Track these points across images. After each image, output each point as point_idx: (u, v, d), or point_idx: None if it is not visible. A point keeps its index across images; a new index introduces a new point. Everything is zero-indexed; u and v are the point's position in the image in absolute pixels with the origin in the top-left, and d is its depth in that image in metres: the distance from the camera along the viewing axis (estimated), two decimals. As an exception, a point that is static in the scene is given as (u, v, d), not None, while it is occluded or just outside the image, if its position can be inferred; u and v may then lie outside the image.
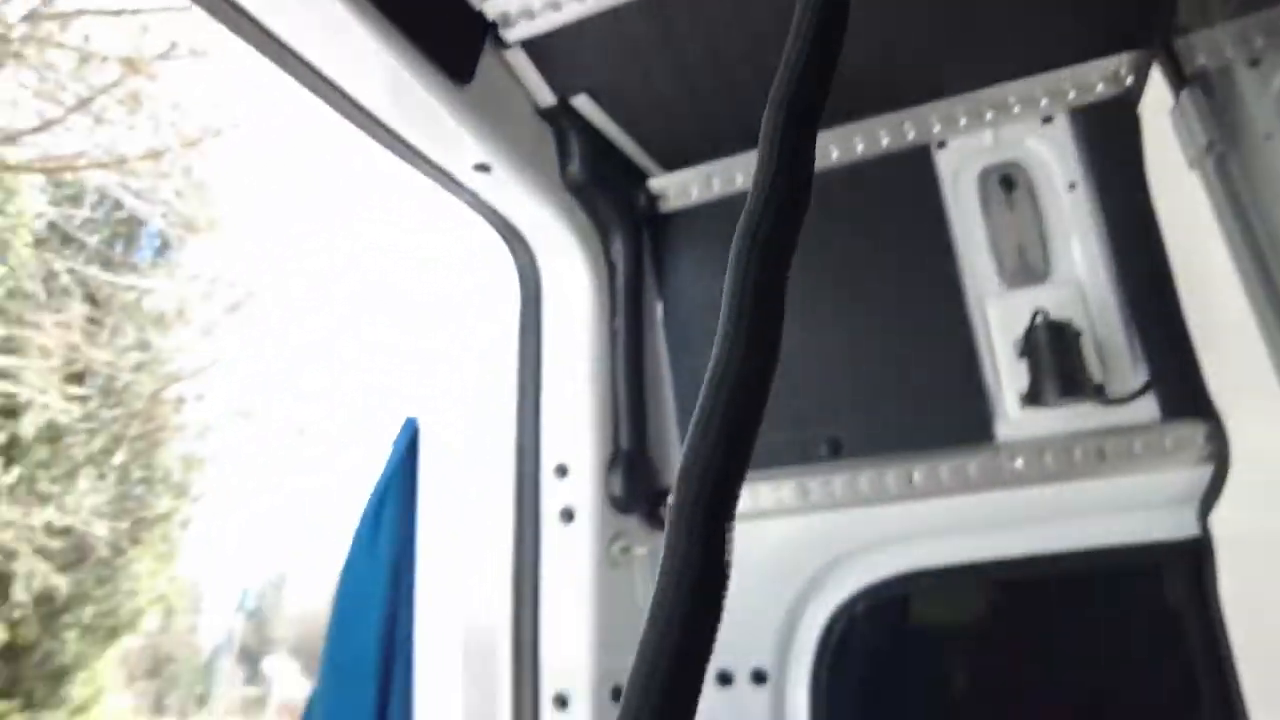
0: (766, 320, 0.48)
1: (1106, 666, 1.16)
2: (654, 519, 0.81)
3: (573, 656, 0.76)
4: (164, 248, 17.89)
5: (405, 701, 1.00)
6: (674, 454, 0.86)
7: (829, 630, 1.00)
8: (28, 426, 14.27)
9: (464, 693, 1.04)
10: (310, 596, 79.19)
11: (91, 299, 15.01)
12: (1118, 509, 1.09)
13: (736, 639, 0.76)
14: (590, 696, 0.73)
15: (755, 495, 0.80)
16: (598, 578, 0.75)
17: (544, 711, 0.74)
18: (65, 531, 16.17)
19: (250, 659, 74.61)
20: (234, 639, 70.78)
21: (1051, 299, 1.13)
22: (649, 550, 0.80)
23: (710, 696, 0.73)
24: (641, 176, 1.28)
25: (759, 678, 0.82)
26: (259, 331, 19.87)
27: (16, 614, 15.04)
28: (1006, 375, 1.14)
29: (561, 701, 0.74)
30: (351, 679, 1.06)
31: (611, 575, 0.76)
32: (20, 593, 14.65)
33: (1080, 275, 1.13)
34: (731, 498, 0.46)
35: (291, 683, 69.01)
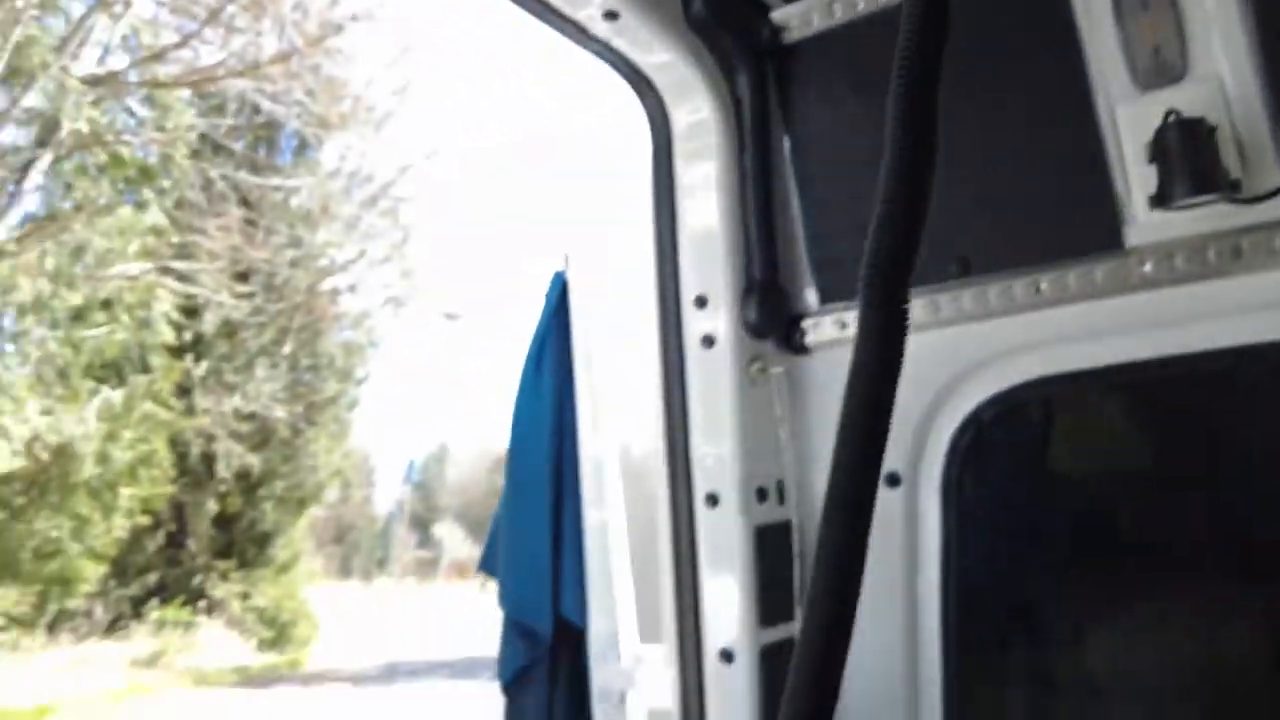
0: (927, 127, 0.57)
1: (1237, 465, 1.16)
2: (788, 343, 0.87)
3: (720, 462, 0.81)
4: (302, 147, 18.78)
5: (575, 509, 1.16)
6: (805, 282, 0.92)
7: (959, 436, 1.05)
8: (208, 324, 15.79)
9: (626, 498, 1.17)
10: (468, 468, 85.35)
11: (245, 202, 16.08)
12: (1255, 308, 1.06)
13: None
14: (737, 495, 0.79)
15: None
16: (738, 395, 0.80)
17: (697, 510, 0.80)
18: (251, 416, 18.06)
19: (420, 525, 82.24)
20: (404, 508, 77.95)
21: (1186, 99, 1.07)
22: (784, 370, 0.86)
23: None
24: (764, 9, 1.28)
25: (893, 480, 0.89)
26: (401, 221, 20.81)
27: (222, 489, 17.18)
28: (1136, 180, 1.10)
29: (712, 500, 0.79)
30: (529, 495, 1.24)
31: (751, 393, 0.81)
32: (223, 470, 16.66)
33: (1220, 72, 1.07)
34: (908, 275, 0.57)
35: (458, 545, 75.76)
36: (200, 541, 17.92)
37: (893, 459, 0.86)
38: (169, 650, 14.56)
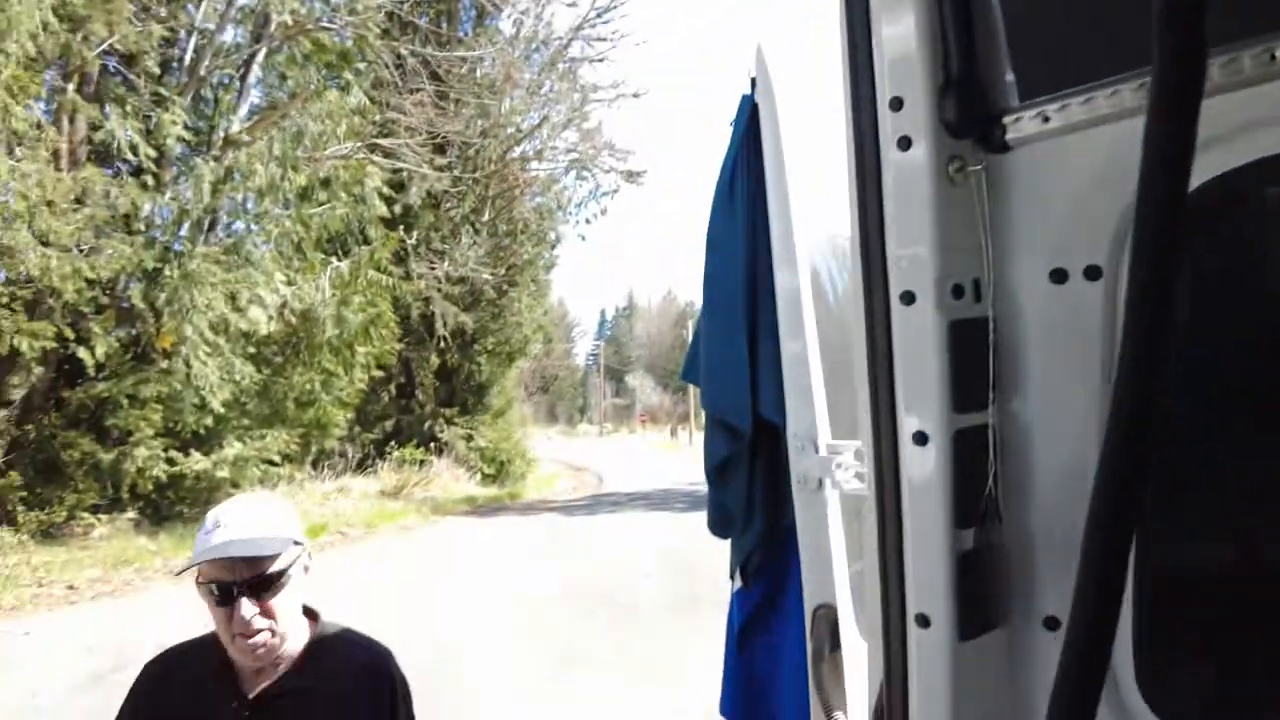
0: None
1: None
2: (987, 141, 0.80)
3: (916, 261, 0.79)
4: (480, 17, 19.01)
5: (771, 324, 1.21)
6: (1004, 77, 0.83)
7: None
8: (414, 197, 16.97)
9: (816, 301, 1.20)
10: (655, 322, 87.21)
11: (434, 76, 16.68)
12: None
13: (1072, 238, 0.80)
14: (933, 292, 0.77)
15: (1091, 103, 0.79)
16: (936, 194, 0.78)
17: (893, 308, 0.79)
18: (460, 280, 19.53)
19: (614, 376, 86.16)
20: (599, 360, 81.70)
21: None
22: (983, 168, 0.79)
23: (1044, 292, 0.78)
24: None
25: (1091, 274, 0.82)
26: (579, 83, 20.74)
27: (441, 345, 19.00)
28: None
29: (908, 297, 0.78)
30: (725, 314, 1.33)
31: (950, 192, 0.78)
32: (440, 329, 18.35)
33: None
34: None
35: (649, 394, 78.87)
36: (426, 392, 20.10)
37: (1094, 253, 0.77)
38: (408, 484, 16.72)
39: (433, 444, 18.99)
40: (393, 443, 18.42)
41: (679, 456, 36.19)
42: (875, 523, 0.81)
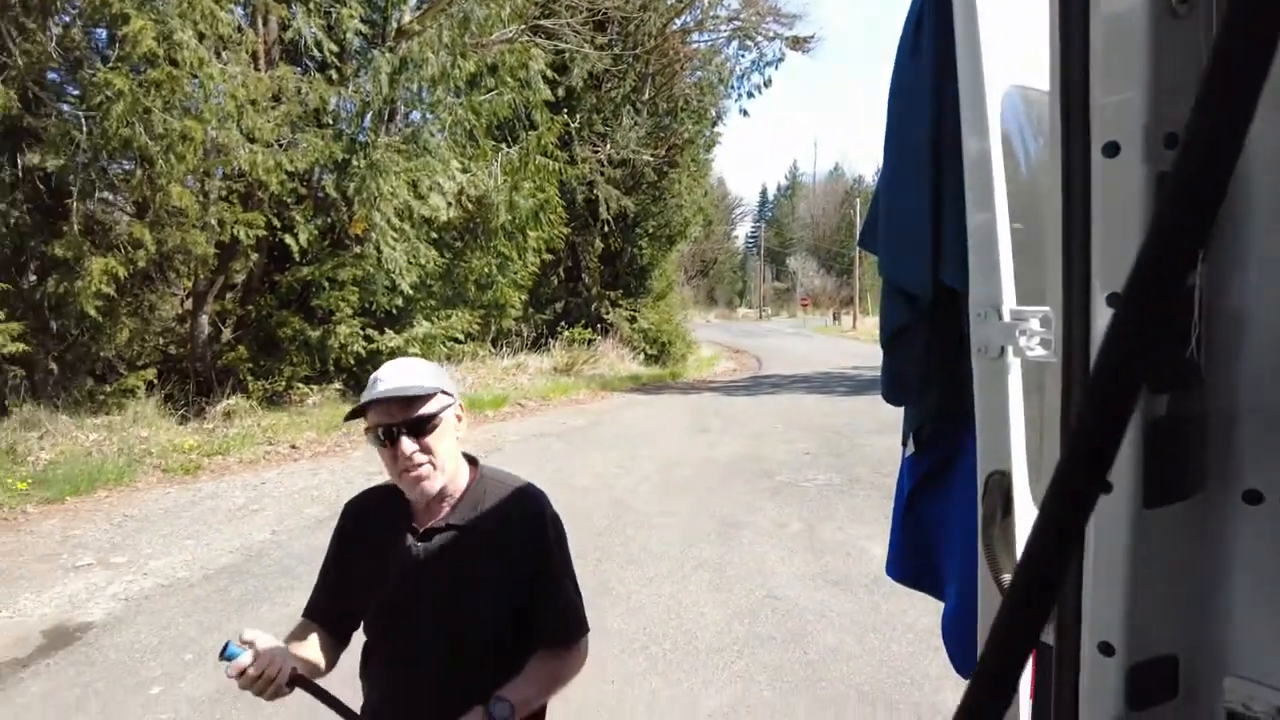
0: None
1: None
2: None
3: (1124, 107, 0.69)
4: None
5: (956, 188, 1.16)
6: None
7: None
8: (576, 79, 16.95)
9: (1007, 168, 1.14)
10: (819, 202, 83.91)
11: (591, -53, 16.24)
12: None
13: None
14: (1142, 143, 0.69)
15: None
16: (1154, 28, 0.68)
17: (1094, 162, 0.72)
18: (622, 163, 19.56)
19: (776, 258, 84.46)
20: (760, 242, 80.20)
21: None
22: None
23: (1274, 143, 0.68)
24: None
25: None
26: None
27: (605, 229, 19.33)
28: None
29: (1112, 149, 0.70)
30: (907, 175, 1.29)
31: (1170, 24, 0.68)
32: (603, 212, 18.64)
33: None
34: None
35: (810, 276, 76.87)
36: (592, 275, 20.69)
37: None
38: (577, 362, 17.52)
39: (599, 325, 19.68)
40: (562, 323, 19.26)
41: (841, 341, 35.46)
42: (1060, 388, 0.79)
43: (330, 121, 11.86)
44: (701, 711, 3.66)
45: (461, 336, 14.09)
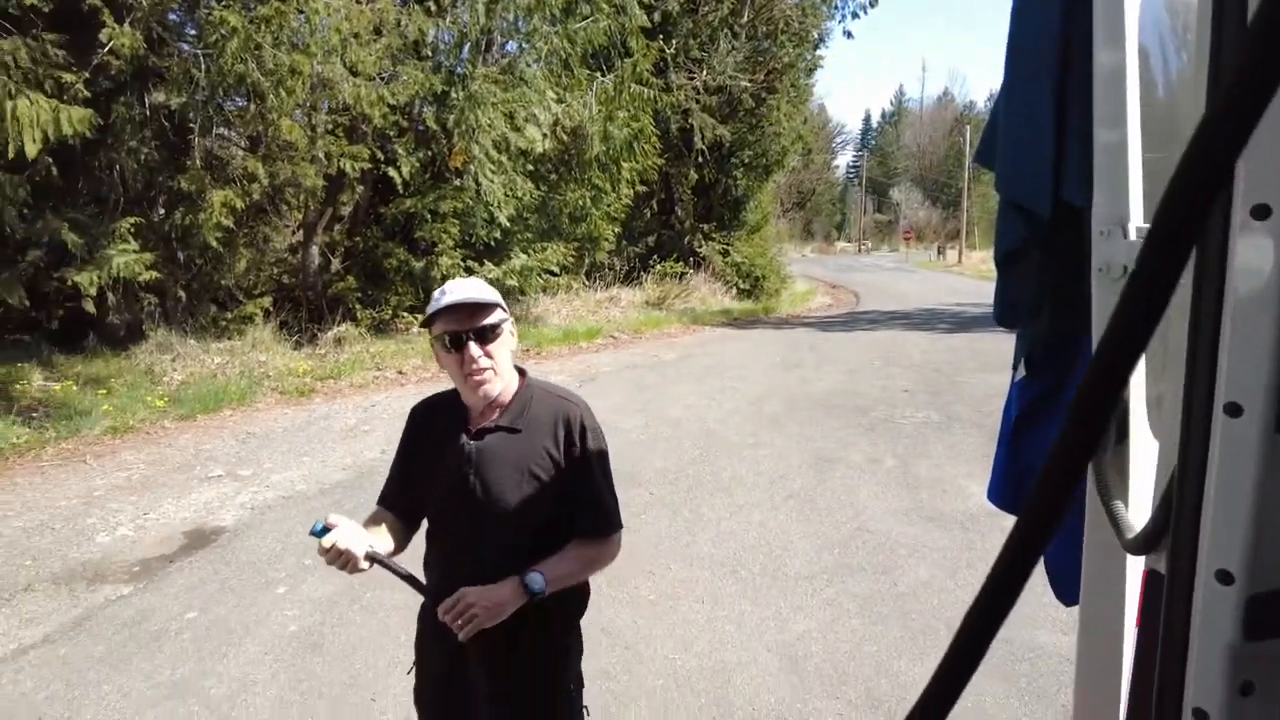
0: None
1: None
2: None
3: None
4: None
5: (1083, 103, 1.09)
6: None
7: None
8: (672, 2, 16.48)
9: (1143, 85, 1.07)
10: (926, 129, 79.94)
11: None
12: None
13: None
14: None
15: None
16: None
17: None
18: (719, 90, 19.06)
19: (878, 189, 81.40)
20: (862, 171, 77.29)
21: None
22: None
23: None
24: None
25: None
26: None
27: (699, 160, 18.98)
28: None
29: None
30: (1031, 87, 1.21)
31: None
32: (698, 142, 18.28)
33: None
34: None
35: (914, 208, 73.84)
36: (685, 207, 20.44)
37: None
38: (669, 296, 17.52)
39: (691, 258, 19.53)
40: (655, 256, 19.20)
41: (945, 277, 34.11)
42: (1189, 311, 0.75)
43: (429, 53, 11.98)
44: (791, 633, 3.73)
45: (556, 269, 14.27)
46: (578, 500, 1.75)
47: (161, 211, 10.10)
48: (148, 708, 3.21)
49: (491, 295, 1.75)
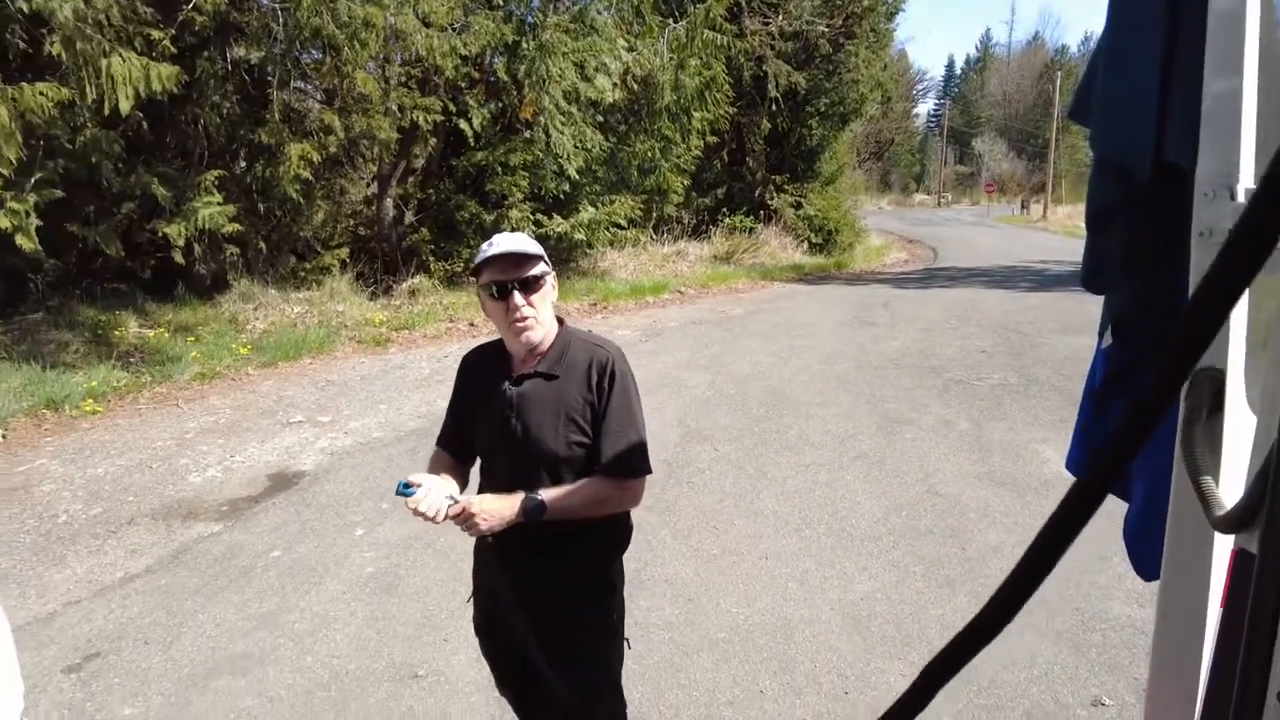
0: None
1: None
2: None
3: None
4: None
5: (1192, 52, 1.00)
6: None
7: None
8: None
9: (1263, 31, 0.99)
10: (1013, 76, 76.16)
11: None
12: None
13: None
14: None
15: None
16: None
17: None
18: (794, 35, 18.45)
19: (960, 139, 78.17)
20: (943, 121, 74.25)
21: None
22: None
23: None
24: None
25: None
26: None
27: (773, 108, 18.48)
28: None
29: None
30: (1134, 34, 1.11)
31: None
32: (772, 90, 17.79)
33: None
34: None
35: (998, 160, 70.74)
36: (756, 158, 20.00)
37: None
38: (738, 250, 17.28)
39: (761, 211, 19.17)
40: (724, 209, 18.92)
41: (1029, 232, 32.71)
42: None
43: (500, 2, 11.90)
44: (855, 593, 3.72)
45: (624, 222, 14.20)
46: (602, 440, 1.83)
47: (243, 164, 10.41)
48: (239, 637, 3.42)
49: (535, 248, 1.84)
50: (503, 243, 1.82)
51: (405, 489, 1.75)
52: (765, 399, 7.08)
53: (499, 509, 1.75)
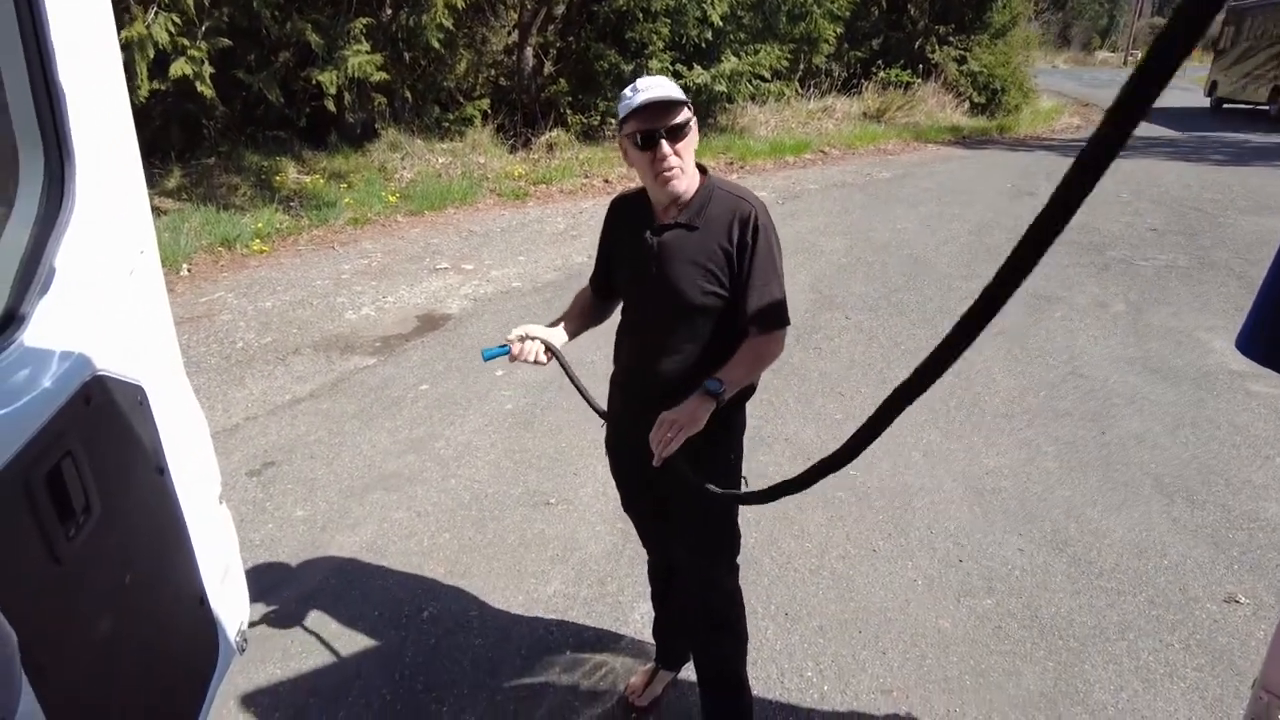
0: None
1: None
2: None
3: None
4: None
5: None
6: None
7: None
8: None
9: None
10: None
11: None
12: None
13: None
14: None
15: None
16: None
17: None
18: None
19: (1160, -15, 67.96)
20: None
21: None
22: None
23: None
24: None
25: None
26: None
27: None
28: None
29: None
30: None
31: None
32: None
33: None
34: None
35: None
36: (919, 6, 18.23)
37: None
38: (891, 107, 16.13)
39: (920, 66, 17.67)
40: (879, 62, 17.55)
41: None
42: None
43: None
44: (980, 467, 3.67)
45: (768, 74, 13.48)
46: (746, 295, 1.80)
47: (389, 12, 10.48)
48: (392, 458, 3.79)
49: (680, 94, 1.77)
50: (648, 89, 1.75)
51: (496, 352, 1.86)
52: (906, 268, 6.81)
53: (688, 410, 1.70)
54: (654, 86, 1.76)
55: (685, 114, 1.79)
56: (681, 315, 1.84)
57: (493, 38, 12.83)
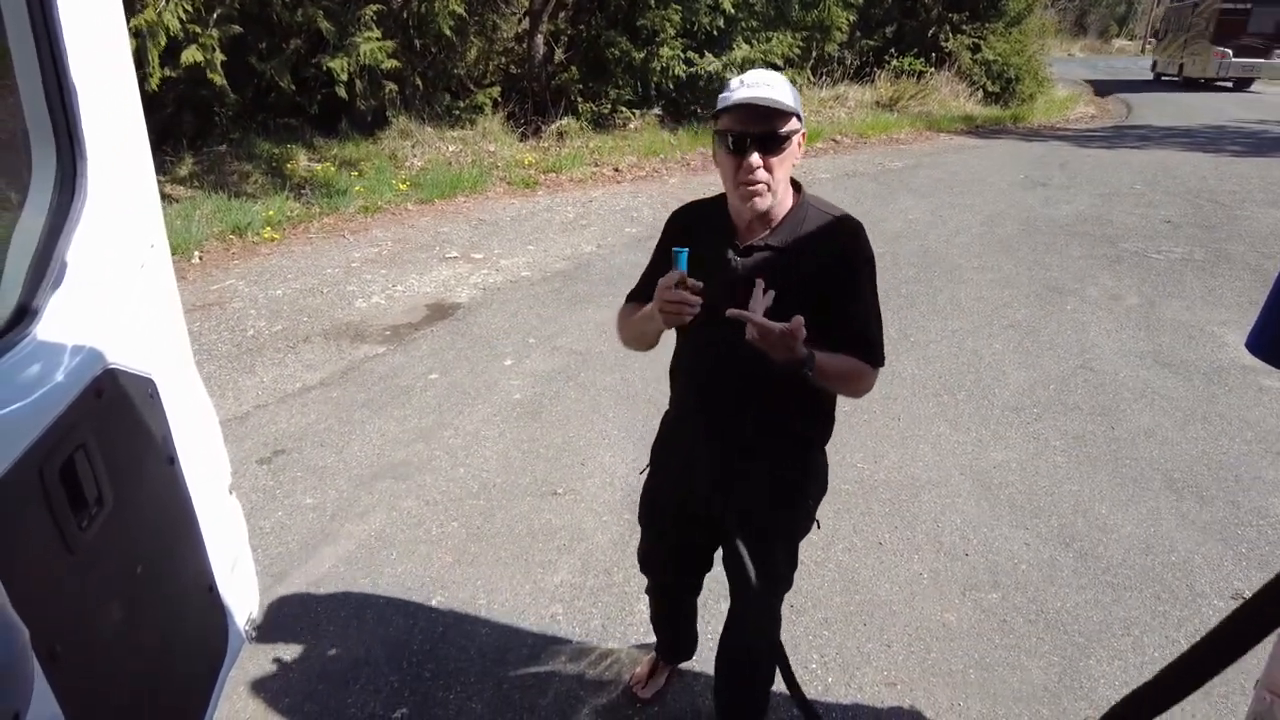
0: None
1: None
2: None
3: None
4: None
5: None
6: None
7: None
8: None
9: None
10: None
11: None
12: None
13: None
14: None
15: None
16: None
17: None
18: None
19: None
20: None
21: None
22: None
23: None
24: None
25: None
26: None
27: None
28: None
29: None
30: None
31: None
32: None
33: None
34: None
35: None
36: (933, -7, 18.06)
37: None
38: (904, 96, 16.00)
39: (933, 54, 17.51)
40: (892, 50, 17.41)
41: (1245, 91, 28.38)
42: None
43: None
44: (988, 461, 3.67)
45: (780, 62, 13.39)
46: (844, 328, 1.60)
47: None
48: (401, 446, 3.81)
49: (789, 99, 1.53)
50: (753, 85, 1.52)
51: (684, 258, 1.52)
52: (916, 259, 6.78)
53: (785, 346, 1.46)
54: (760, 84, 1.53)
55: (791, 125, 1.56)
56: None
57: (503, 25, 12.78)
